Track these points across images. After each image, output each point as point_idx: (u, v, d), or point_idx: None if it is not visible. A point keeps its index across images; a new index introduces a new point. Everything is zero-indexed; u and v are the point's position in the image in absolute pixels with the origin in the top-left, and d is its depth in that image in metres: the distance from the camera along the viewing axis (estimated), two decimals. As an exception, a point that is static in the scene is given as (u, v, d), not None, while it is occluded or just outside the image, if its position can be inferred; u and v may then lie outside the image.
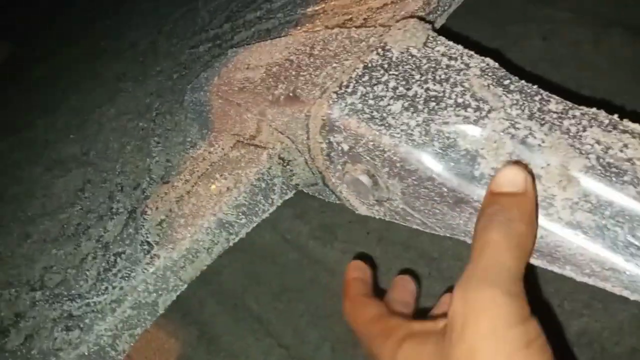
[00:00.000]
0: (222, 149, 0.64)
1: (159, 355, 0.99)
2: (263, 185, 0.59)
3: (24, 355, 0.53)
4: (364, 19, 0.71)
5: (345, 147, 0.52)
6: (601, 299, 0.93)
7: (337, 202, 0.64)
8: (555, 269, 0.46)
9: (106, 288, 0.54)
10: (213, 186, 0.59)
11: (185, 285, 0.57)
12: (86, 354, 0.51)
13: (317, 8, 0.81)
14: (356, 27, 0.66)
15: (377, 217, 0.60)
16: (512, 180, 0.41)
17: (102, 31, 1.29)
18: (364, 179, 0.53)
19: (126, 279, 0.54)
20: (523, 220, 0.39)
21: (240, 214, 0.58)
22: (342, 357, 0.99)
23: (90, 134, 0.84)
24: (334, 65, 0.57)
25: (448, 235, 0.53)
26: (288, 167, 0.61)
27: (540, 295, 0.94)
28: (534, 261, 0.47)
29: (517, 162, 0.44)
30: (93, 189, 0.70)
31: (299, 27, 0.79)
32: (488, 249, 0.37)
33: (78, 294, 0.55)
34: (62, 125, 0.93)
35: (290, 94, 0.57)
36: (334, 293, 1.04)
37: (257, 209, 0.60)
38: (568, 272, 0.45)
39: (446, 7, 0.72)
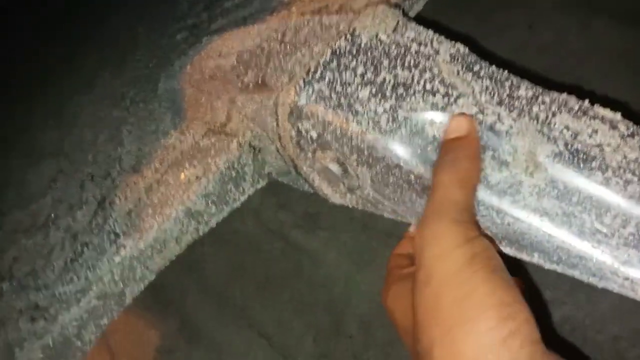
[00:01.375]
0: (193, 137, 0.63)
1: (138, 347, 0.99)
2: (233, 173, 0.59)
3: (-12, 347, 0.52)
4: (340, 5, 0.70)
5: (314, 135, 0.52)
6: (583, 289, 0.93)
7: (311, 191, 0.63)
8: (524, 256, 0.46)
9: (71, 278, 0.54)
10: (182, 175, 0.58)
11: (154, 276, 0.56)
12: (51, 345, 0.50)
13: (293, -6, 0.80)
14: (329, 14, 0.64)
15: (351, 205, 0.59)
16: (457, 127, 0.45)
17: (83, 18, 1.27)
18: (334, 167, 0.53)
19: (92, 269, 0.53)
20: (467, 158, 0.44)
21: (209, 202, 0.57)
22: (324, 347, 0.99)
23: (66, 123, 0.83)
24: (303, 51, 0.56)
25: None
26: (259, 155, 0.60)
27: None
28: (503, 249, 0.46)
29: (462, 113, 0.47)
30: (65, 178, 0.69)
31: (274, 15, 0.78)
32: (438, 188, 0.42)
33: (44, 284, 0.55)
34: (39, 114, 0.92)
35: (259, 81, 0.56)
36: (318, 282, 1.04)
37: (227, 197, 0.59)
38: (536, 259, 0.45)
39: (423, -7, 0.71)
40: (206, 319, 1.00)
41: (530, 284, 0.93)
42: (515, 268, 0.46)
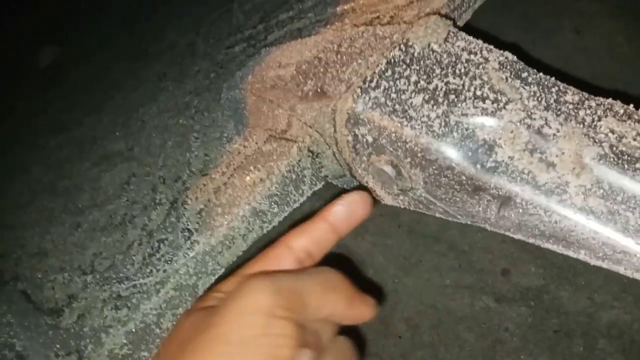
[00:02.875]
0: (256, 143, 0.68)
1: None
2: (294, 176, 0.63)
3: (76, 333, 0.57)
4: (391, 16, 0.74)
5: (370, 139, 0.56)
6: (632, 292, 0.94)
7: (365, 192, 0.67)
8: (571, 253, 0.48)
9: (151, 271, 0.59)
10: (248, 178, 0.63)
11: (223, 270, 0.61)
12: (133, 330, 0.56)
13: (346, 7, 0.84)
14: (382, 24, 0.68)
15: (402, 206, 0.63)
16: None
17: (142, 33, 1.35)
18: (388, 169, 0.56)
19: (169, 262, 0.58)
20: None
21: (272, 203, 0.62)
22: (374, 347, 1.02)
23: (134, 131, 0.89)
24: (359, 61, 0.60)
25: (469, 223, 0.56)
26: (317, 159, 0.64)
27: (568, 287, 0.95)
28: (550, 246, 0.49)
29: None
30: (137, 182, 0.75)
31: (328, 26, 0.82)
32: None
33: (126, 277, 0.60)
34: (107, 122, 0.99)
35: (318, 90, 0.61)
36: (365, 285, 1.08)
37: (288, 199, 0.63)
38: (582, 256, 0.47)
39: (471, 3, 0.74)
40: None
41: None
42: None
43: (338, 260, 1.12)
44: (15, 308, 0.63)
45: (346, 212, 0.51)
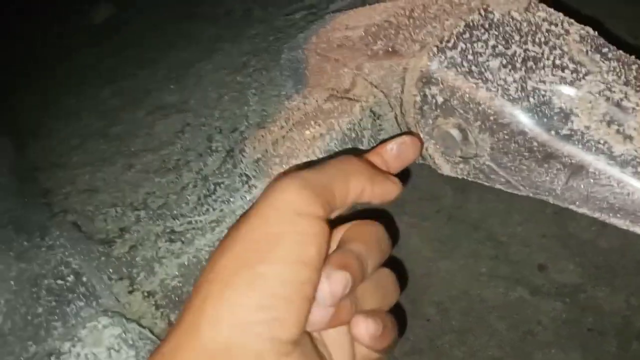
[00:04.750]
0: (316, 101, 0.68)
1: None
2: (353, 135, 0.63)
3: (128, 262, 0.58)
4: (463, -12, 0.74)
5: (440, 100, 0.55)
6: (673, 296, 0.92)
7: (420, 161, 0.67)
8: (637, 229, 0.47)
9: (207, 210, 0.59)
10: (307, 132, 0.63)
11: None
12: (186, 264, 0.56)
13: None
14: (456, -6, 0.68)
15: (461, 176, 0.62)
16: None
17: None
18: (455, 132, 0.56)
19: (226, 203, 0.59)
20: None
21: (330, 159, 0.62)
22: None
23: (189, 85, 0.89)
24: (434, 24, 0.59)
25: (531, 194, 0.55)
26: (378, 121, 0.64)
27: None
28: (616, 221, 0.48)
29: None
30: (192, 131, 0.76)
31: (396, -4, 0.82)
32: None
33: (180, 214, 0.61)
34: (161, 77, 1.00)
35: (389, 49, 0.61)
36: (401, 266, 1.08)
37: (345, 157, 0.63)
38: (652, 232, 0.47)
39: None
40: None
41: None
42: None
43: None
44: (67, 235, 0.64)
45: (397, 150, 0.51)
